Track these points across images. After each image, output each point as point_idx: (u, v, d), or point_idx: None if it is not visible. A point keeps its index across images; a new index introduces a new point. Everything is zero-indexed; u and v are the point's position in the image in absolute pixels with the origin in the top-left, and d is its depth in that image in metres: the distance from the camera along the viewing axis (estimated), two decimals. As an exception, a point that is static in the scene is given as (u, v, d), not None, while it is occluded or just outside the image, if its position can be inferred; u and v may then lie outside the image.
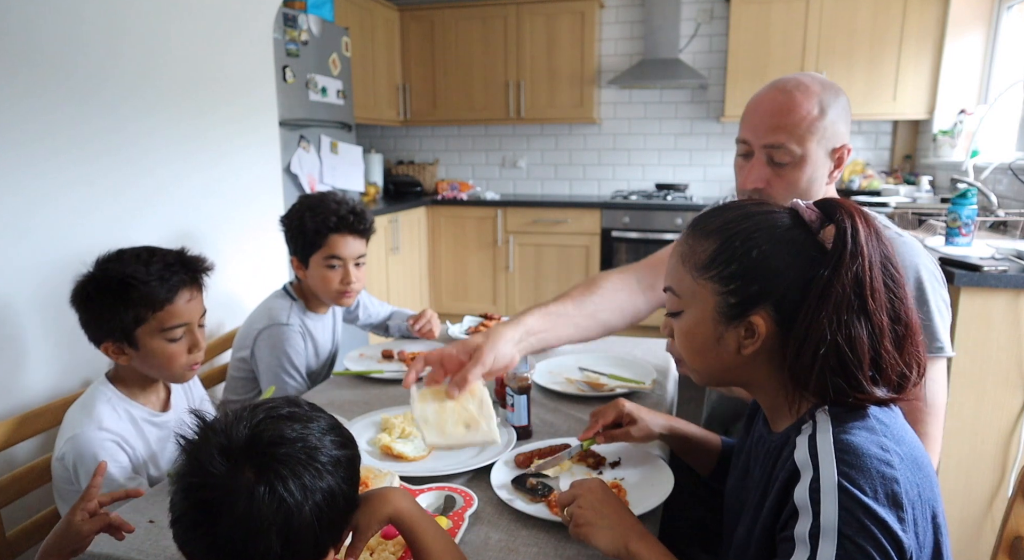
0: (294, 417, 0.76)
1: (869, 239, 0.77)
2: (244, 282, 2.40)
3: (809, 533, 0.70)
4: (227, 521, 0.68)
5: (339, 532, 0.78)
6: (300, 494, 0.70)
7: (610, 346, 1.90)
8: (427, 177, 5.07)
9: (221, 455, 0.70)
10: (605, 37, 4.70)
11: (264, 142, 2.56)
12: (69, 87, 1.73)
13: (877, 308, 0.77)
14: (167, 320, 1.30)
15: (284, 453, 0.71)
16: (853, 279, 0.76)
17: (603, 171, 4.92)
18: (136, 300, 1.27)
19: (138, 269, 1.28)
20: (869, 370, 0.78)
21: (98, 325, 1.30)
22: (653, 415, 1.19)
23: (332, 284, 1.77)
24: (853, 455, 0.72)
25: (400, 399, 1.55)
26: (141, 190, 1.97)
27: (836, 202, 0.81)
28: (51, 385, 1.69)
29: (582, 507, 0.92)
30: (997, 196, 2.86)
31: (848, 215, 0.78)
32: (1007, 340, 1.87)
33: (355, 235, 1.77)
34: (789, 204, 0.84)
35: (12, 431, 1.35)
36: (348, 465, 0.77)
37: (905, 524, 0.70)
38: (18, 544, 1.33)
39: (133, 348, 1.30)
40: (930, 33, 3.87)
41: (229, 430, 0.72)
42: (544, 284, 4.54)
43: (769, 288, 0.79)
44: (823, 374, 0.77)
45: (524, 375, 1.30)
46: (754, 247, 0.80)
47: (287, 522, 0.69)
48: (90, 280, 1.30)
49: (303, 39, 3.12)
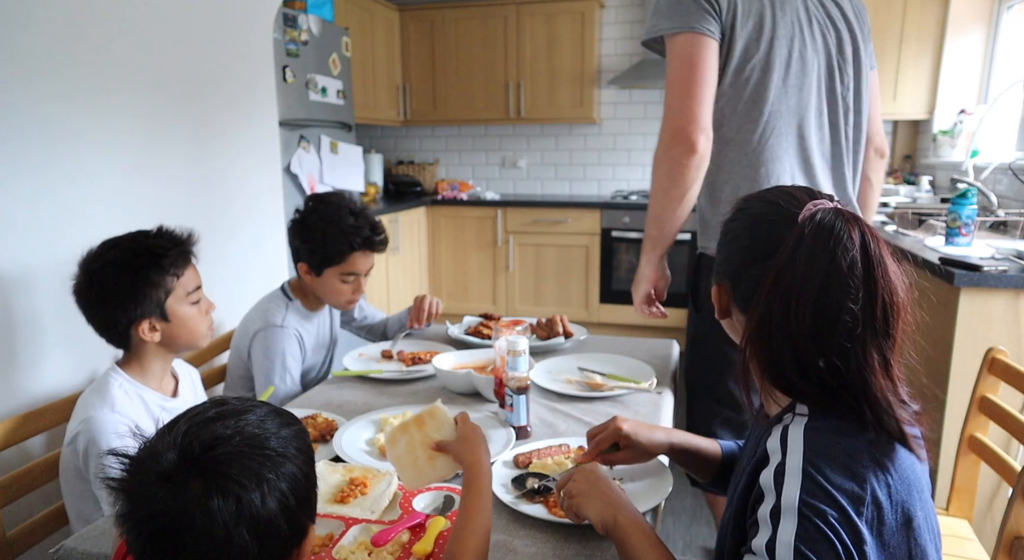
0: (223, 415, 0.73)
1: (802, 237, 0.81)
2: (244, 282, 2.40)
3: (771, 512, 0.72)
4: (190, 541, 0.65)
5: (312, 507, 0.77)
6: (256, 487, 0.68)
7: (610, 346, 1.90)
8: (427, 177, 5.07)
9: (158, 481, 0.67)
10: (605, 37, 4.70)
11: (264, 142, 2.56)
12: (68, 86, 1.73)
13: None
14: (188, 284, 1.37)
15: (224, 453, 0.69)
16: (776, 271, 0.80)
17: (603, 171, 4.92)
18: (166, 268, 1.32)
19: (156, 241, 1.33)
20: (818, 364, 0.78)
21: (128, 310, 1.30)
22: (652, 432, 1.14)
23: (344, 296, 1.80)
24: (821, 444, 0.74)
25: (400, 399, 1.55)
26: (141, 190, 1.97)
27: (786, 192, 0.87)
28: (52, 385, 1.70)
29: (576, 481, 0.97)
30: (997, 196, 2.86)
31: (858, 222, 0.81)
32: (1007, 340, 1.87)
33: (375, 252, 1.80)
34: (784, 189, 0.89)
35: (13, 431, 1.35)
36: (298, 441, 0.76)
37: (863, 518, 0.71)
38: (18, 544, 1.33)
39: (166, 321, 1.34)
40: (930, 33, 3.87)
41: (157, 454, 0.68)
42: (544, 284, 4.54)
43: (737, 277, 0.88)
44: (774, 367, 0.81)
45: (523, 375, 1.30)
46: (734, 238, 0.90)
47: (253, 519, 0.67)
48: (105, 269, 1.29)
49: (303, 39, 3.12)
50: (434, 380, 1.67)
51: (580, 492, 0.95)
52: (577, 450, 1.25)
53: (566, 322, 1.95)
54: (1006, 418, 1.44)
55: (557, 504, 1.04)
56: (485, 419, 1.38)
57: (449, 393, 1.58)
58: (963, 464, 1.56)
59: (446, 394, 1.58)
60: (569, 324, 1.96)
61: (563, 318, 1.95)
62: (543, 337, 1.91)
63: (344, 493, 1.09)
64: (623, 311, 4.41)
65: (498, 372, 1.43)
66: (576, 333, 1.94)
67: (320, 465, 1.16)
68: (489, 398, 1.50)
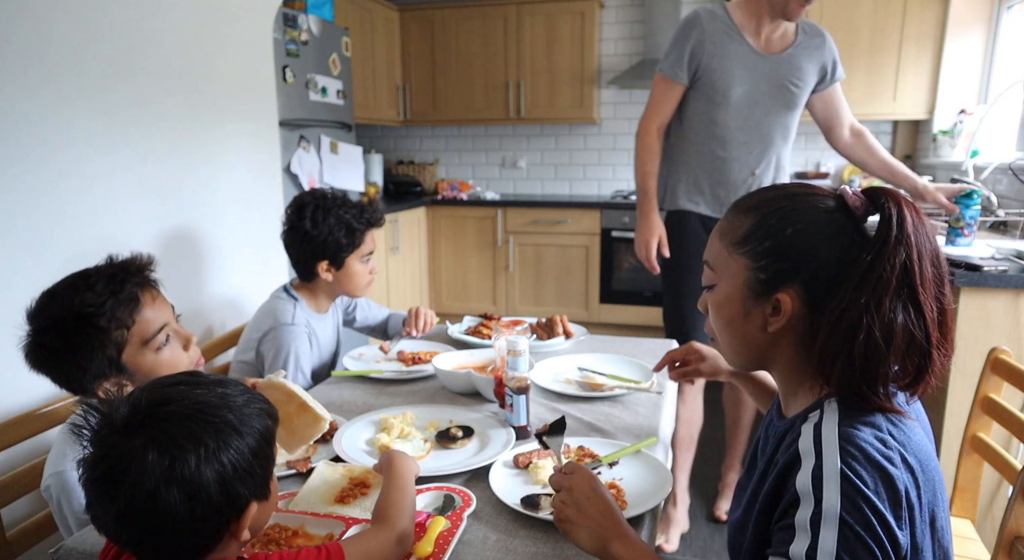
0: (184, 383, 0.77)
1: (917, 228, 0.77)
2: (244, 281, 2.40)
3: (810, 520, 0.71)
4: (124, 490, 0.69)
5: (258, 485, 0.78)
6: (193, 450, 0.71)
7: (610, 346, 1.90)
8: (427, 177, 5.07)
9: (109, 431, 0.72)
10: (605, 37, 4.70)
11: (264, 142, 2.56)
12: (67, 87, 1.73)
13: (927, 297, 0.76)
14: (146, 331, 1.17)
15: (169, 412, 0.73)
16: (900, 267, 0.75)
17: (603, 171, 4.92)
18: (105, 327, 1.12)
19: (85, 296, 1.12)
20: (895, 363, 0.77)
21: (81, 374, 1.13)
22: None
23: (366, 278, 1.87)
24: (856, 447, 0.72)
25: (400, 399, 1.55)
26: (140, 190, 1.97)
27: (883, 190, 0.81)
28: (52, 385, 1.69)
29: (566, 503, 0.90)
30: (997, 196, 2.86)
31: (895, 203, 0.78)
32: (1007, 340, 1.87)
33: (379, 227, 1.89)
34: (838, 190, 0.85)
35: (12, 431, 1.35)
36: (260, 422, 0.78)
37: (902, 522, 0.71)
38: (18, 544, 1.33)
39: (129, 376, 1.17)
40: (930, 33, 3.87)
41: (115, 407, 0.73)
42: (544, 284, 4.54)
43: (800, 267, 0.80)
44: (847, 360, 0.77)
45: (523, 375, 1.30)
46: (789, 225, 0.81)
47: (184, 479, 0.70)
48: (41, 334, 1.12)
49: (303, 39, 3.12)
50: (434, 380, 1.67)
51: (567, 518, 0.89)
52: (577, 450, 1.25)
53: (566, 322, 1.95)
54: (1009, 418, 1.43)
55: (549, 485, 1.01)
56: (485, 419, 1.38)
57: (449, 393, 1.58)
58: (966, 464, 1.56)
59: (446, 394, 1.58)
60: (569, 324, 1.96)
61: (563, 318, 1.96)
62: (543, 337, 1.91)
63: (344, 493, 1.09)
64: (623, 311, 4.41)
65: (498, 372, 1.43)
66: (576, 333, 1.94)
67: (320, 465, 1.16)
68: (489, 398, 1.50)
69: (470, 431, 1.31)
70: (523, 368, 1.30)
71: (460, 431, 1.30)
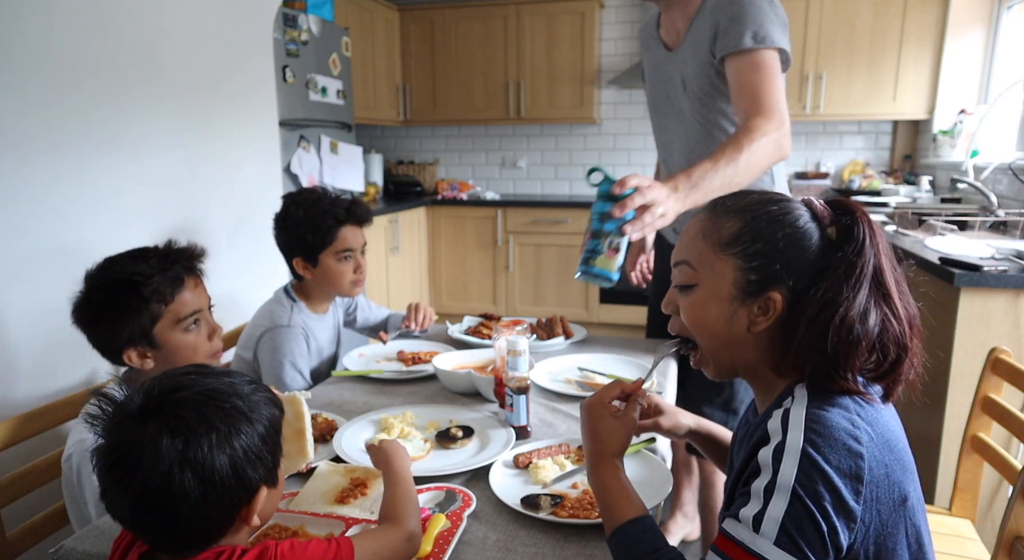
0: (193, 373, 0.79)
1: (879, 235, 0.84)
2: (244, 282, 2.40)
3: (764, 488, 0.74)
4: (139, 474, 0.71)
5: (268, 471, 0.79)
6: (206, 434, 0.73)
7: (610, 346, 1.90)
8: (427, 177, 5.07)
9: (124, 419, 0.74)
10: (605, 37, 4.70)
11: (264, 142, 2.56)
12: (68, 87, 1.73)
13: (899, 294, 0.83)
14: (180, 311, 1.30)
15: (182, 397, 0.74)
16: (873, 265, 0.82)
17: (603, 171, 4.91)
18: (148, 297, 1.26)
19: (139, 267, 1.27)
20: (869, 353, 0.81)
21: (115, 335, 1.27)
22: (679, 414, 1.15)
23: (347, 276, 1.81)
24: (822, 426, 0.76)
25: (400, 399, 1.55)
26: (141, 190, 1.97)
27: (846, 202, 0.87)
28: (52, 385, 1.69)
29: (581, 410, 0.98)
30: (997, 196, 2.86)
31: (861, 214, 0.85)
32: (1007, 340, 1.87)
33: (361, 225, 1.83)
34: (802, 199, 0.89)
35: (13, 431, 1.35)
36: (267, 410, 0.80)
37: (861, 498, 0.74)
38: (18, 544, 1.33)
39: (155, 348, 1.29)
40: (930, 33, 3.87)
41: (130, 397, 0.75)
42: (544, 284, 4.54)
43: (790, 268, 0.84)
44: (821, 349, 0.80)
45: (523, 375, 1.30)
46: (780, 229, 0.85)
47: (198, 463, 0.71)
48: (92, 292, 1.26)
49: (303, 39, 3.12)
50: (434, 380, 1.67)
51: (581, 423, 0.98)
52: (577, 450, 1.25)
53: (566, 322, 1.95)
54: (1009, 418, 1.43)
55: (562, 508, 1.04)
56: (485, 419, 1.38)
57: (449, 393, 1.58)
58: (966, 464, 1.56)
59: (446, 394, 1.58)
60: (569, 324, 1.96)
61: (563, 318, 1.95)
62: (543, 337, 1.91)
63: (344, 493, 1.09)
64: (623, 311, 4.41)
65: (498, 372, 1.43)
66: (576, 333, 1.94)
67: (320, 465, 1.16)
68: (489, 398, 1.50)
69: (470, 431, 1.31)
70: (523, 368, 1.30)
71: (460, 431, 1.30)
